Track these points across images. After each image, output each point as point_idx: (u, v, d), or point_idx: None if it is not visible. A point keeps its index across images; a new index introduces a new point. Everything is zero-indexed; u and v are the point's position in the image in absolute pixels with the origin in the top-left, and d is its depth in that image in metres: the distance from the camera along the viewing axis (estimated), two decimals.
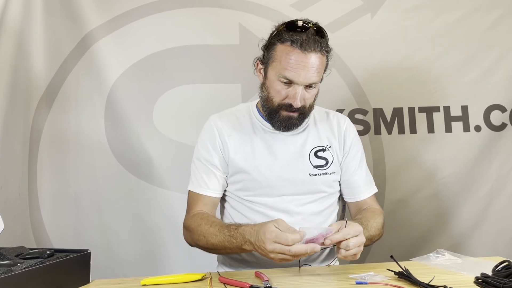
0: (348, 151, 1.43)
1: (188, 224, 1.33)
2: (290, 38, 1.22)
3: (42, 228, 2.01)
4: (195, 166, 1.41)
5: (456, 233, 2.04)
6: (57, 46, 2.02)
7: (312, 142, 1.39)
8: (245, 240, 1.14)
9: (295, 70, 1.22)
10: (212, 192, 1.38)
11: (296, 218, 1.33)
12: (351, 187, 1.43)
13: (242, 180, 1.35)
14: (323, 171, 1.36)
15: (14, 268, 0.94)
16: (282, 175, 1.34)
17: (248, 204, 1.36)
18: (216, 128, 1.40)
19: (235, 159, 1.36)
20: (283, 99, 1.27)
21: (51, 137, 2.02)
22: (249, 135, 1.38)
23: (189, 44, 2.08)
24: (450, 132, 2.10)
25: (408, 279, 1.01)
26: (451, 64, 2.12)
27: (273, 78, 1.27)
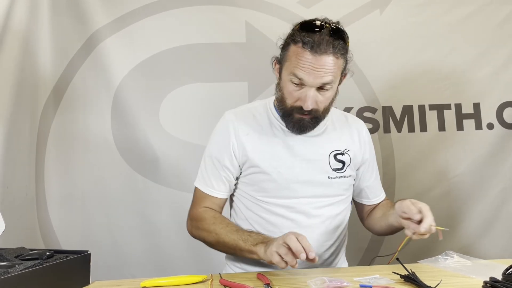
0: (367, 159, 1.42)
1: (196, 219, 1.33)
2: (302, 39, 1.18)
3: (50, 227, 2.02)
4: (205, 164, 1.38)
5: (467, 234, 1.99)
6: (64, 45, 2.03)
7: (331, 145, 1.36)
8: (262, 241, 1.15)
9: (306, 70, 1.18)
10: (219, 193, 1.36)
11: (314, 220, 1.31)
12: (372, 192, 1.44)
13: (260, 180, 1.32)
14: (341, 174, 1.34)
15: (12, 270, 0.93)
16: (302, 177, 1.31)
17: (264, 205, 1.33)
18: (232, 126, 1.35)
19: (253, 159, 1.32)
20: (295, 101, 1.24)
21: (58, 137, 2.03)
22: (267, 134, 1.34)
23: (196, 42, 2.07)
24: (461, 130, 2.05)
25: (414, 282, 0.97)
26: (463, 61, 2.07)
27: (286, 79, 1.24)
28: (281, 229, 1.28)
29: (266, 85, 2.03)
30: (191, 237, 1.43)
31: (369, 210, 1.46)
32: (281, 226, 1.30)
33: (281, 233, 1.26)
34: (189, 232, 1.37)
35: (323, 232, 1.31)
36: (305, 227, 1.29)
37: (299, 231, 1.25)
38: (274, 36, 2.01)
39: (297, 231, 1.23)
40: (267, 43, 2.07)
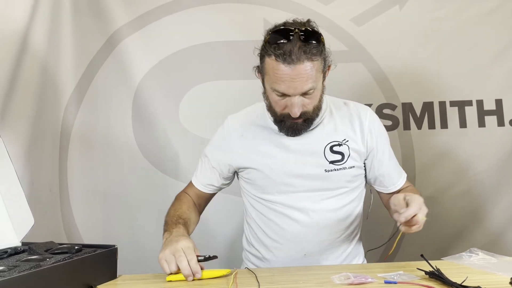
0: (376, 145, 1.36)
1: (176, 197, 1.46)
2: (274, 52, 1.16)
3: (73, 223, 2.06)
4: (200, 159, 1.48)
5: (489, 231, 1.97)
6: (85, 45, 2.06)
7: (327, 137, 1.33)
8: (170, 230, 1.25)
9: (283, 83, 1.16)
10: (197, 183, 1.45)
11: (313, 217, 1.31)
12: (386, 179, 1.39)
13: (256, 178, 1.35)
14: (340, 165, 1.31)
15: (43, 263, 0.96)
16: (296, 171, 1.31)
17: (266, 203, 1.36)
18: (227, 130, 1.41)
19: (248, 159, 1.35)
20: (283, 109, 1.24)
21: (81, 135, 2.07)
22: (262, 133, 1.36)
23: (214, 40, 2.08)
24: (483, 126, 2.02)
25: (439, 279, 0.97)
26: (484, 56, 2.04)
27: (269, 90, 1.24)
28: (281, 226, 1.33)
29: None
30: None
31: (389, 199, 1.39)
32: (281, 223, 1.33)
33: (282, 230, 1.33)
34: None
35: (324, 226, 1.31)
36: (304, 223, 1.31)
37: (299, 227, 1.31)
38: None
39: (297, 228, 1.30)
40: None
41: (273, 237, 1.35)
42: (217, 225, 2.01)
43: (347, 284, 0.99)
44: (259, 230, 1.39)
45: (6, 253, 1.07)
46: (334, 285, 1.00)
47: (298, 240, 1.31)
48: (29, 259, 1.00)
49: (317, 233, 1.31)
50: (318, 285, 1.01)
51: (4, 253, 1.07)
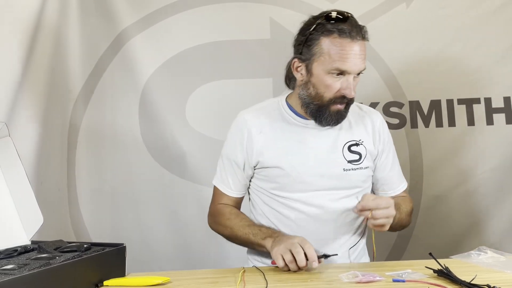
0: (383, 149, 1.40)
1: (214, 214, 1.41)
2: (337, 29, 1.20)
3: (81, 222, 2.08)
4: (222, 163, 1.43)
5: (498, 230, 1.95)
6: (93, 44, 2.07)
7: (345, 136, 1.36)
8: (271, 235, 1.21)
9: (348, 60, 1.20)
10: (234, 193, 1.42)
11: (331, 213, 1.31)
12: (386, 184, 1.42)
13: (274, 176, 1.34)
14: (357, 165, 1.33)
15: (53, 261, 0.97)
16: (316, 170, 1.31)
17: (281, 199, 1.34)
18: (246, 125, 1.38)
19: (267, 155, 1.34)
20: (335, 92, 1.25)
21: (88, 134, 2.08)
22: (280, 130, 1.36)
23: (221, 39, 2.08)
24: (491, 124, 2.01)
25: (448, 277, 0.97)
26: (492, 54, 2.02)
27: (322, 73, 1.24)
28: (298, 223, 1.32)
29: None
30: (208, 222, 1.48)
31: None
32: (298, 220, 1.32)
33: (298, 228, 1.31)
34: (209, 226, 1.46)
35: (341, 224, 1.32)
36: (321, 220, 1.31)
37: (316, 224, 1.30)
38: None
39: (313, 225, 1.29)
40: (292, 39, 2.06)
41: (288, 234, 1.33)
42: None
43: (355, 283, 0.99)
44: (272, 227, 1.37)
45: (16, 252, 1.08)
46: (342, 283, 1.00)
47: (314, 237, 1.30)
48: (38, 257, 1.01)
49: (334, 230, 1.32)
50: (326, 283, 1.01)
51: (14, 251, 1.08)
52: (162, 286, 1.02)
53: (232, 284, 1.01)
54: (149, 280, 1.04)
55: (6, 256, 1.05)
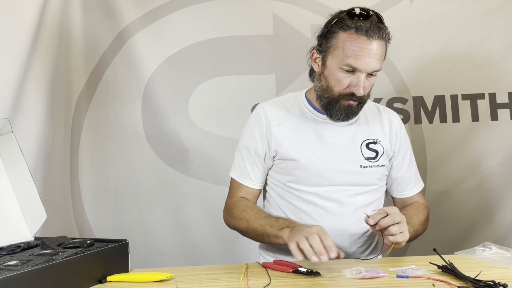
0: (399, 149, 1.41)
1: (230, 208, 1.36)
2: (354, 25, 1.20)
3: (85, 218, 2.08)
4: (240, 155, 1.41)
5: (503, 226, 1.94)
6: (95, 41, 2.07)
7: (363, 134, 1.37)
8: (288, 225, 1.16)
9: (360, 58, 1.19)
10: (254, 184, 1.39)
11: (346, 209, 1.32)
12: (401, 184, 1.42)
13: (292, 169, 1.34)
14: (374, 163, 1.34)
15: (56, 257, 0.97)
16: (334, 165, 1.32)
17: (297, 193, 1.34)
18: (264, 117, 1.38)
19: (285, 148, 1.34)
20: (345, 88, 1.25)
21: (91, 130, 2.08)
22: (299, 124, 1.36)
23: (224, 35, 2.08)
24: (496, 120, 1.99)
25: (452, 273, 0.96)
26: (497, 49, 2.00)
27: (334, 67, 1.25)
28: (313, 217, 1.31)
29: (294, 77, 2.03)
30: (222, 228, 1.46)
31: (400, 206, 1.44)
32: (314, 214, 1.32)
33: (313, 222, 1.29)
34: (224, 221, 1.40)
35: (356, 220, 1.31)
36: (337, 215, 1.31)
37: (331, 219, 1.29)
38: (301, 28, 2.07)
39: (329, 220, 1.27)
40: (295, 35, 2.06)
41: None
42: None
43: (359, 279, 0.98)
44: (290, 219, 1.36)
45: (19, 248, 1.08)
46: (346, 279, 1.00)
47: (330, 231, 1.29)
48: (42, 253, 1.01)
49: (349, 225, 1.32)
50: (330, 279, 1.00)
51: (17, 247, 1.08)
52: (165, 282, 1.02)
53: (235, 280, 1.01)
54: (152, 276, 1.03)
55: (9, 252, 1.05)
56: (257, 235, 1.27)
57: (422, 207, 1.39)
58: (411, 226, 1.23)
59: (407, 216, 1.26)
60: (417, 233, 1.28)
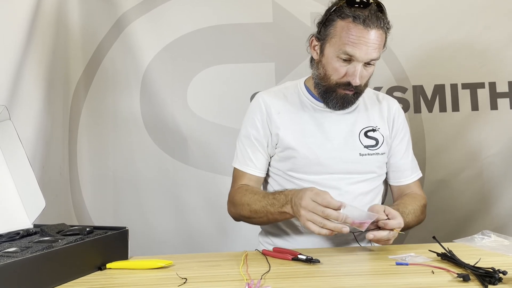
0: (396, 134, 1.40)
1: (232, 197, 1.35)
2: (352, 14, 1.18)
3: (83, 206, 2.08)
4: (242, 144, 1.40)
5: (501, 215, 1.95)
6: (93, 28, 2.05)
7: (362, 122, 1.37)
8: (286, 200, 1.16)
9: (357, 46, 1.19)
10: (257, 171, 1.38)
11: (346, 196, 1.31)
12: (397, 171, 1.41)
13: (291, 157, 1.33)
14: (374, 151, 1.34)
15: (55, 244, 0.96)
16: (333, 153, 1.32)
17: (297, 181, 1.34)
18: (265, 105, 1.38)
19: (285, 136, 1.34)
20: (342, 77, 1.25)
21: (90, 119, 2.07)
22: (298, 113, 1.36)
23: (222, 23, 2.06)
24: (495, 109, 1.99)
25: (452, 260, 0.96)
26: (498, 38, 1.99)
27: (332, 55, 1.24)
28: None
29: (293, 66, 2.02)
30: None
31: (398, 195, 1.43)
32: None
33: None
34: (229, 214, 1.39)
35: None
36: None
37: None
38: (301, 16, 2.05)
39: None
40: (295, 23, 2.05)
41: None
42: None
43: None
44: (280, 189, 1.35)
45: (18, 235, 1.07)
46: (345, 266, 1.00)
47: None
48: (41, 240, 1.01)
49: None
50: (330, 266, 1.00)
51: (16, 234, 1.08)
52: (165, 269, 1.02)
53: (235, 267, 1.01)
54: (152, 263, 1.03)
55: (8, 239, 1.05)
56: (261, 217, 1.26)
57: (419, 197, 1.37)
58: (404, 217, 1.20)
59: (402, 205, 1.27)
60: (409, 225, 1.26)
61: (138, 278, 0.97)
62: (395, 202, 1.37)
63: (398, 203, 1.32)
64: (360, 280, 0.91)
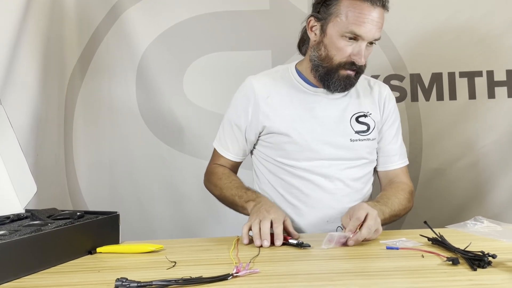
0: (386, 119, 1.39)
1: (209, 173, 1.43)
2: None
3: (79, 194, 2.08)
4: (223, 126, 1.44)
5: (496, 203, 1.94)
6: (88, 15, 2.03)
7: (353, 107, 1.35)
8: (254, 198, 1.22)
9: (364, 25, 1.18)
10: (232, 156, 1.42)
11: (338, 184, 1.31)
12: (385, 156, 1.40)
13: (281, 142, 1.32)
14: (365, 136, 1.33)
15: (44, 228, 0.96)
16: (323, 138, 1.31)
17: (287, 168, 1.33)
18: (252, 90, 1.36)
19: (274, 121, 1.32)
20: (346, 57, 1.23)
21: (85, 106, 2.06)
22: (288, 96, 1.35)
23: (219, 10, 2.04)
24: (493, 98, 1.97)
25: (442, 245, 0.96)
26: (496, 26, 1.96)
27: (336, 35, 1.22)
28: (304, 192, 1.31)
29: (290, 53, 1.98)
30: (217, 204, 1.47)
31: (385, 183, 1.41)
32: (304, 188, 1.31)
33: (304, 196, 1.31)
34: (204, 185, 1.48)
35: (346, 194, 1.31)
36: (327, 189, 1.30)
37: (322, 193, 1.30)
38: (298, 3, 2.03)
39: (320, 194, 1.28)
40: (292, 10, 2.02)
41: (294, 203, 1.33)
42: None
43: (333, 248, 1.00)
44: (278, 197, 1.36)
45: (8, 219, 1.08)
46: (336, 250, 1.00)
47: (321, 206, 1.31)
48: (30, 224, 1.01)
49: (340, 200, 1.31)
50: (320, 250, 1.00)
51: (6, 218, 1.08)
52: (155, 253, 1.02)
53: (225, 251, 1.01)
54: (142, 247, 1.03)
55: None
56: (228, 204, 1.35)
57: (403, 186, 1.35)
58: (388, 207, 1.23)
59: (385, 196, 1.27)
60: (395, 215, 1.26)
61: (127, 261, 0.97)
62: (378, 195, 1.34)
63: (381, 195, 1.31)
64: (348, 264, 0.91)
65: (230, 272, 0.82)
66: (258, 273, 0.84)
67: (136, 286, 0.77)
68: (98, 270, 0.91)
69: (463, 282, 0.76)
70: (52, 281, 0.85)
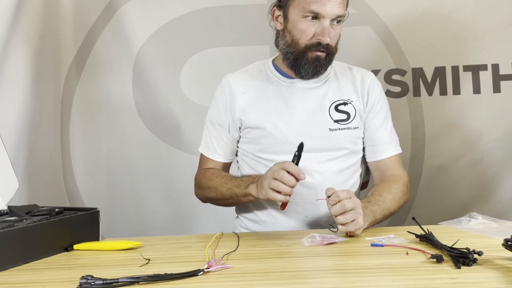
0: (371, 107, 1.34)
1: (198, 180, 1.36)
2: None
3: (77, 192, 2.07)
4: (207, 129, 1.41)
5: (501, 202, 1.87)
6: (84, 12, 2.02)
7: (332, 95, 1.31)
8: (252, 181, 1.15)
9: (321, 2, 1.17)
10: (220, 157, 1.38)
11: (317, 178, 1.27)
12: (373, 145, 1.34)
13: (259, 137, 1.30)
14: (345, 125, 1.28)
15: (17, 224, 0.94)
16: (301, 130, 1.27)
17: (267, 163, 1.29)
18: (228, 88, 1.35)
19: (250, 116, 1.30)
20: (310, 38, 1.21)
21: (82, 104, 2.05)
22: (264, 90, 1.33)
23: (215, 5, 2.01)
24: (498, 92, 1.90)
25: (430, 242, 0.91)
26: (502, 18, 1.89)
27: (297, 18, 1.21)
28: None
29: None
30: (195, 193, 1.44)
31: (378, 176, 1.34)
32: None
33: None
34: (196, 196, 1.41)
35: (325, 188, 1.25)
36: (308, 184, 1.25)
37: (303, 187, 1.24)
38: None
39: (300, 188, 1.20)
40: None
41: None
42: None
43: (317, 245, 0.96)
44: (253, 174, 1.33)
45: None
46: (318, 247, 0.96)
47: (300, 201, 1.27)
48: (5, 220, 0.99)
49: (319, 195, 1.25)
50: (303, 247, 0.96)
51: None
52: (132, 250, 0.99)
53: (203, 249, 0.97)
54: (119, 244, 1.01)
55: None
56: (227, 200, 1.27)
57: (397, 179, 1.29)
58: (380, 206, 1.17)
59: (377, 193, 1.21)
60: (389, 211, 1.21)
61: (102, 259, 0.94)
62: (370, 192, 1.28)
63: (372, 192, 1.25)
64: (327, 261, 0.87)
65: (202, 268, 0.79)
66: (230, 269, 0.81)
67: (101, 283, 0.75)
68: (69, 267, 0.89)
69: (445, 280, 0.72)
70: (19, 278, 0.83)
